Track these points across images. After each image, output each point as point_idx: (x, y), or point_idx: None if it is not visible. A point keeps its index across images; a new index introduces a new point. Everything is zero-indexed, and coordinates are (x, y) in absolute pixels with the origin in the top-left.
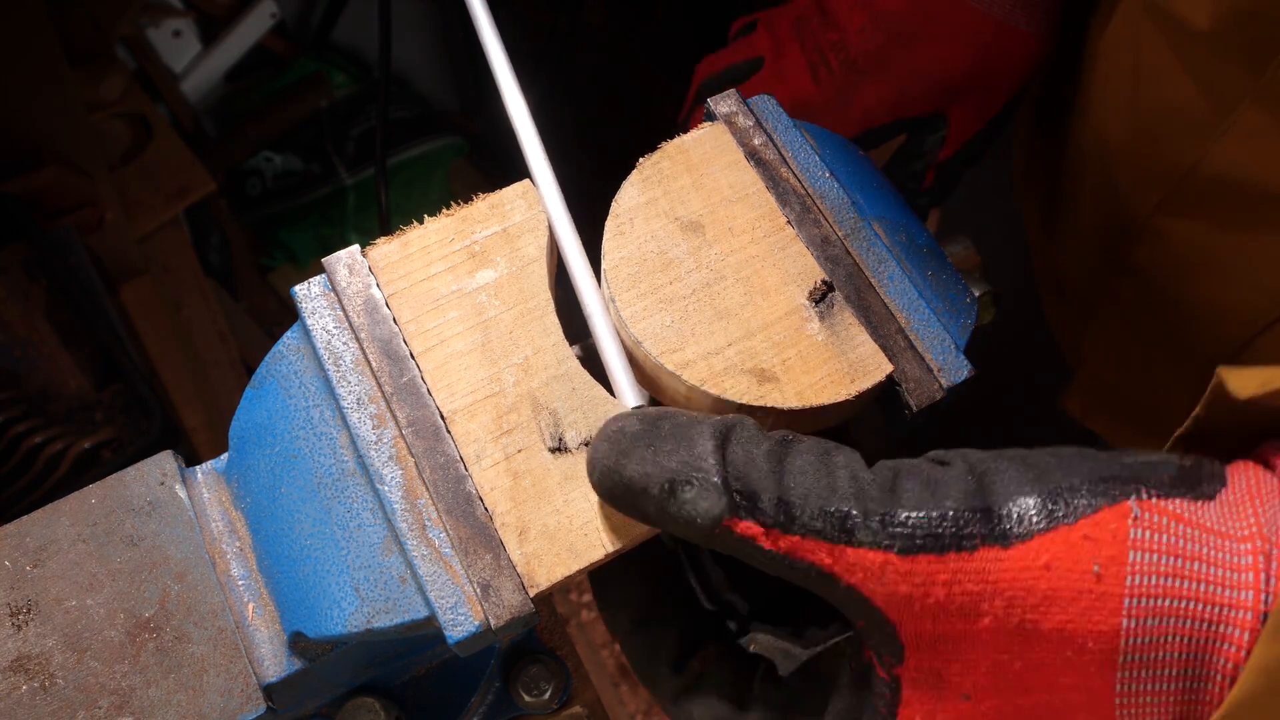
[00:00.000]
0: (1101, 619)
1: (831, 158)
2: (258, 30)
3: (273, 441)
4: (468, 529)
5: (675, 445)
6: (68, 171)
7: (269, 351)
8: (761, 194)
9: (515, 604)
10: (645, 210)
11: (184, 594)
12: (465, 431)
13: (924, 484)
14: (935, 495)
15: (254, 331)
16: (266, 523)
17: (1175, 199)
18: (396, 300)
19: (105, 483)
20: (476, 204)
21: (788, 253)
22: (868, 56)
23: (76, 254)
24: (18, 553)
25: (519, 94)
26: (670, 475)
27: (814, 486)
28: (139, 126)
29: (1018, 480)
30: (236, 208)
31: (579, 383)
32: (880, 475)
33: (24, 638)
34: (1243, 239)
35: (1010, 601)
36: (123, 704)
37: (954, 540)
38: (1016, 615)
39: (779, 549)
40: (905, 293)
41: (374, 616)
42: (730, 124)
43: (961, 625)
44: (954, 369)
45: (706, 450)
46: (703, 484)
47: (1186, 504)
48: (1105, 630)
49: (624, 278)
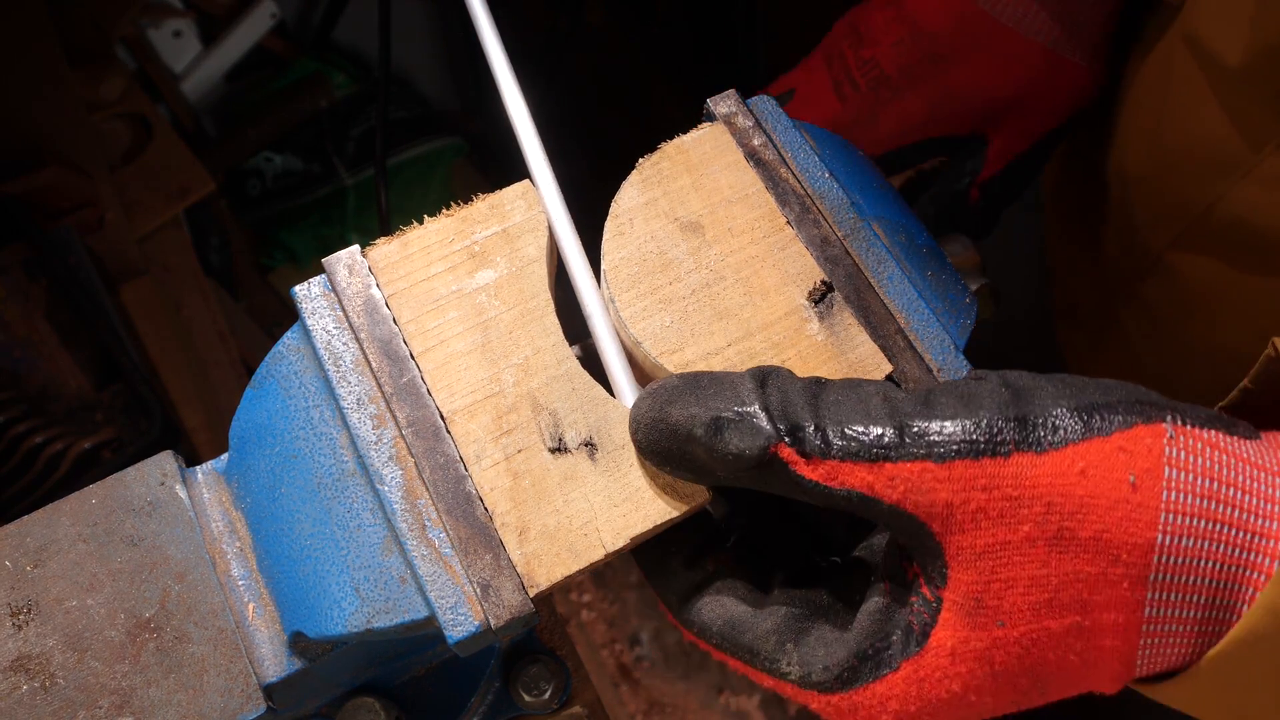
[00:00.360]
0: (1138, 530)
1: (831, 158)
2: (258, 30)
3: (273, 442)
4: (468, 529)
5: (717, 390)
6: (68, 171)
7: (269, 352)
8: (761, 194)
9: (515, 604)
10: (645, 211)
11: (184, 594)
12: (465, 432)
13: (958, 397)
14: (969, 406)
15: (254, 331)
16: (266, 523)
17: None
18: (396, 300)
19: (105, 483)
20: (476, 204)
21: (787, 253)
22: (902, 72)
23: (76, 254)
24: (18, 553)
25: (519, 94)
26: (715, 414)
27: (849, 412)
28: (139, 126)
29: (1054, 394)
30: (236, 208)
31: (579, 383)
32: (915, 394)
33: (24, 638)
34: (1253, 282)
35: (1049, 507)
36: (123, 704)
37: (989, 446)
38: (1055, 522)
39: (821, 476)
40: (904, 293)
41: (374, 616)
42: (730, 124)
43: (1003, 534)
44: (953, 369)
45: (747, 390)
46: (746, 419)
47: (1222, 436)
48: (1141, 543)
49: (624, 278)
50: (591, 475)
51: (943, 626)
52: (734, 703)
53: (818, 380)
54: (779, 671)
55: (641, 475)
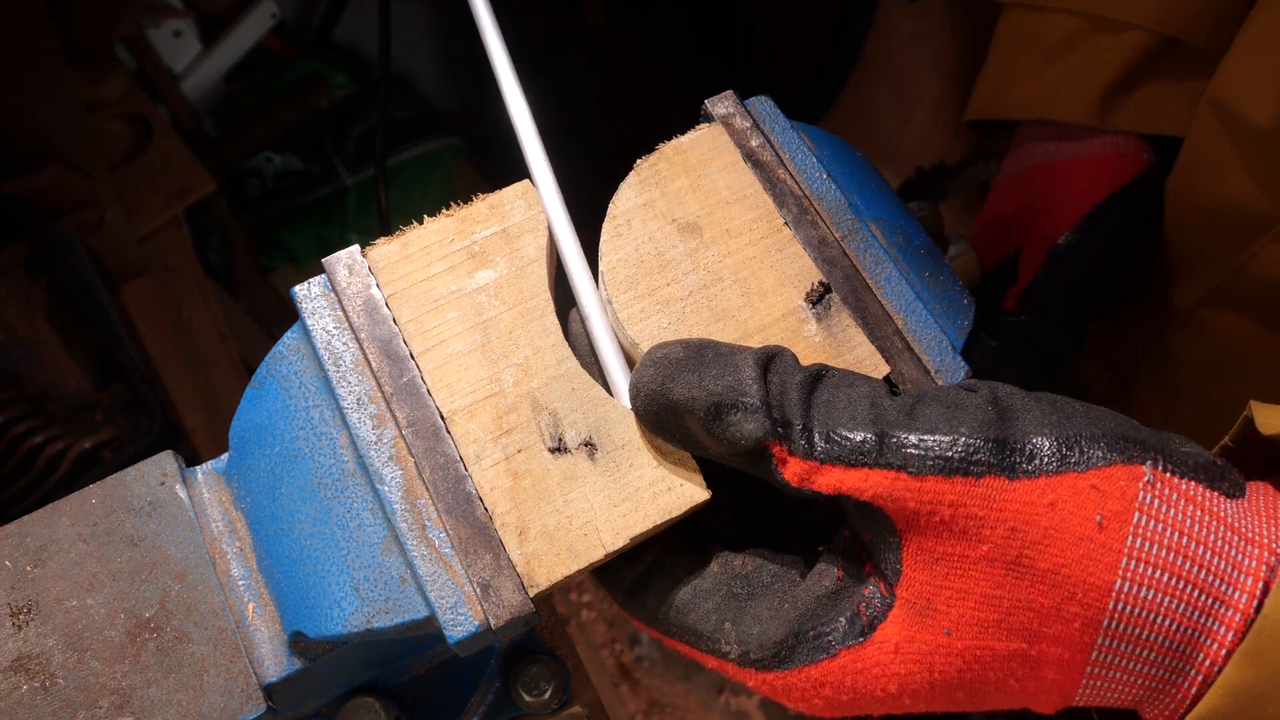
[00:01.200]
0: (1097, 571)
1: (829, 159)
2: (258, 30)
3: (273, 442)
4: (467, 529)
5: (720, 371)
6: (68, 171)
7: (269, 352)
8: (759, 195)
9: (515, 604)
10: (643, 212)
11: (184, 594)
12: (465, 431)
13: (944, 408)
14: (951, 421)
15: (254, 331)
16: (266, 523)
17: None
18: (396, 300)
19: (105, 483)
20: (476, 204)
21: (785, 254)
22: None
23: (76, 254)
24: (18, 553)
25: (520, 93)
26: (716, 399)
27: (838, 415)
28: (139, 126)
29: (1038, 420)
30: (236, 208)
31: (578, 383)
32: (902, 401)
33: (24, 638)
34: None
35: (1011, 532)
36: (123, 704)
37: (962, 465)
38: (1015, 548)
39: (801, 474)
40: (902, 294)
41: (374, 616)
42: (728, 125)
43: (962, 548)
44: (951, 370)
45: (751, 376)
46: (748, 408)
47: (1203, 490)
48: (1098, 584)
49: (621, 279)
50: (591, 475)
51: (891, 622)
52: (734, 703)
53: (818, 372)
54: (719, 651)
55: (641, 475)
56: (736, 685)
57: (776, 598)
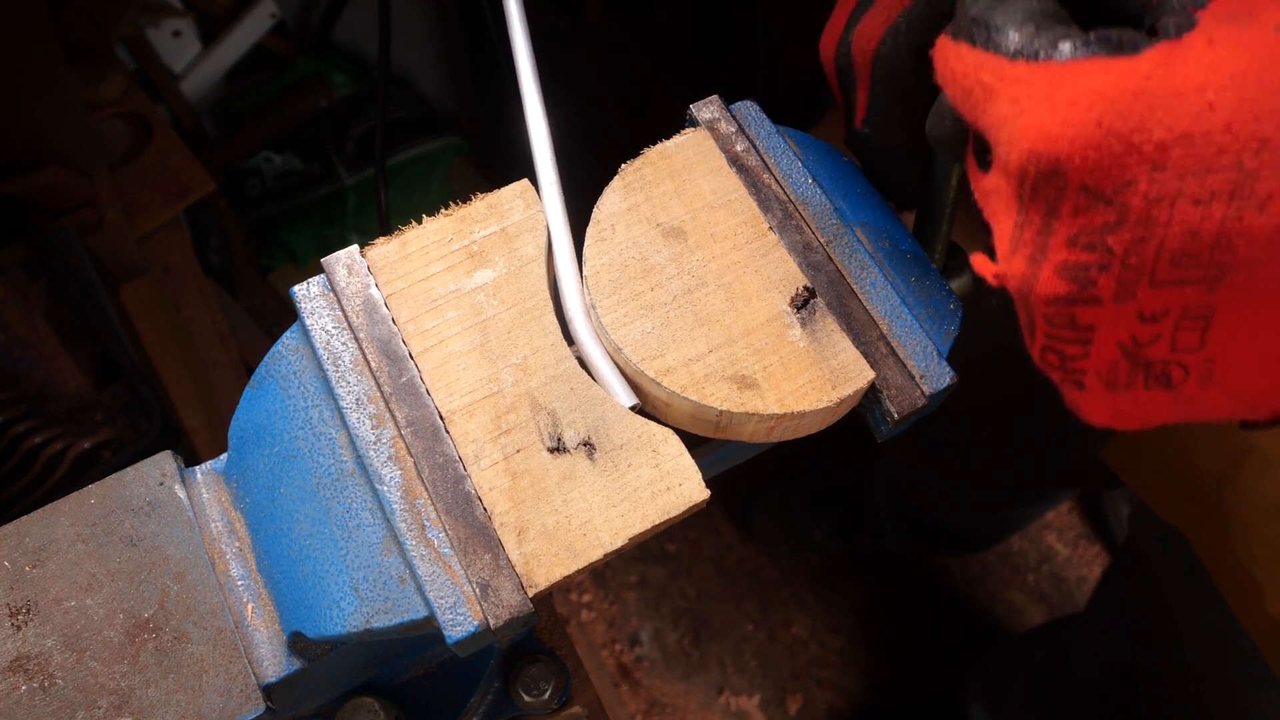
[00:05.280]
0: None
1: (815, 164)
2: (258, 30)
3: (272, 442)
4: (466, 529)
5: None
6: (68, 171)
7: (268, 352)
8: (744, 200)
9: (514, 604)
10: (627, 216)
11: (183, 594)
12: (464, 431)
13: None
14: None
15: (254, 331)
16: (266, 523)
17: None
18: (395, 300)
19: (105, 483)
20: (475, 204)
21: (769, 259)
22: None
23: (76, 254)
24: (17, 553)
25: (538, 96)
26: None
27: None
28: (139, 126)
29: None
30: (236, 208)
31: (577, 383)
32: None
33: (23, 638)
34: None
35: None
36: (122, 704)
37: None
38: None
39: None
40: (887, 299)
41: (373, 616)
42: (713, 130)
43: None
44: (936, 376)
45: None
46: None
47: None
48: None
49: (605, 284)
50: (590, 475)
51: (1201, 28)
52: (734, 703)
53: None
54: (988, 38)
55: (640, 475)
56: (737, 685)
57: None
